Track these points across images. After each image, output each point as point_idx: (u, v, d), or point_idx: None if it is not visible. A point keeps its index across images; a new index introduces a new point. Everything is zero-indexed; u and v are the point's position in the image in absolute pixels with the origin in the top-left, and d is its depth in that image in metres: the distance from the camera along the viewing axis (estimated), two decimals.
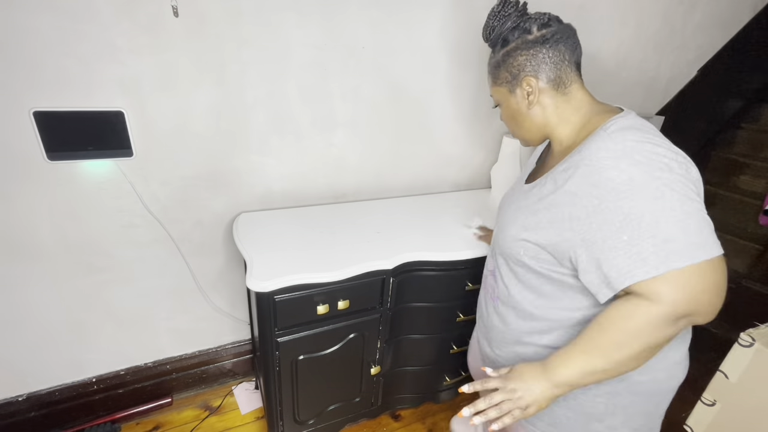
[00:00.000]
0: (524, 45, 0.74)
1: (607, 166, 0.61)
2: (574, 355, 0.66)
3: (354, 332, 1.21)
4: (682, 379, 0.79)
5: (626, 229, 0.59)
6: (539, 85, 0.75)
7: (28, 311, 1.22)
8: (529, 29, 0.74)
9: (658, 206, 0.58)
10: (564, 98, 0.76)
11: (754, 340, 1.00)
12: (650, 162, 0.60)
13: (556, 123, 0.77)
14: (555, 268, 0.73)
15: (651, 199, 0.58)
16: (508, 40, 0.77)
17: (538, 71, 0.74)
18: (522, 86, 0.77)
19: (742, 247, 2.19)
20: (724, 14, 2.15)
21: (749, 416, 1.03)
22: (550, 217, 0.69)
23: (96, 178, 1.15)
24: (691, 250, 0.57)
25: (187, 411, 1.51)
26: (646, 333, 0.61)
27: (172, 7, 1.05)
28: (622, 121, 0.67)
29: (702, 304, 0.59)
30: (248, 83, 1.22)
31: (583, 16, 1.68)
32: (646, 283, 0.59)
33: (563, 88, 0.75)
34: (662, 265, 0.57)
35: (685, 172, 0.60)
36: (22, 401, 1.31)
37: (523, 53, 0.74)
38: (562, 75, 0.74)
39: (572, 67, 0.75)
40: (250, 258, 1.09)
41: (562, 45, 0.73)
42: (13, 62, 0.97)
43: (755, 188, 2.40)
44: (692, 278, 0.57)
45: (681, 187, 0.59)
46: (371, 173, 1.57)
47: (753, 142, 2.53)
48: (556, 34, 0.73)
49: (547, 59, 0.73)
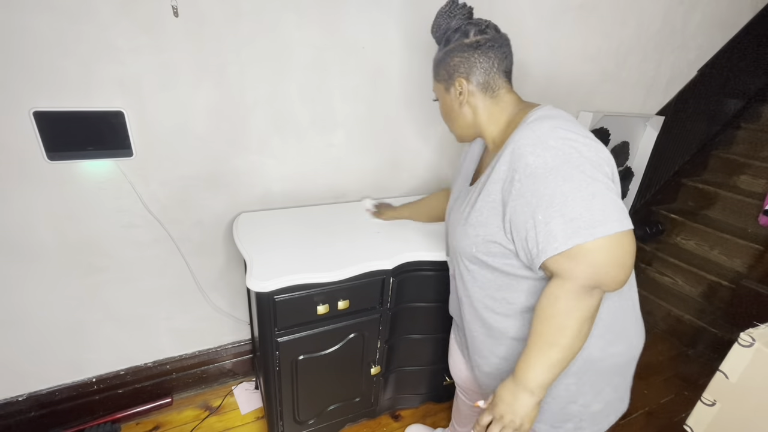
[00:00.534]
0: (460, 47, 0.79)
1: (526, 152, 0.67)
2: (532, 356, 0.71)
3: (354, 332, 1.21)
4: (641, 345, 0.85)
5: (541, 209, 0.65)
6: (469, 88, 0.80)
7: (28, 311, 1.22)
8: (467, 33, 0.79)
9: (567, 187, 0.63)
10: (492, 101, 0.81)
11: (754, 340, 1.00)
12: (562, 147, 0.65)
13: (486, 123, 0.82)
14: (507, 261, 0.75)
15: (562, 181, 0.63)
16: (449, 40, 0.82)
17: (469, 74, 0.80)
18: (455, 86, 0.82)
19: (742, 247, 2.19)
20: (724, 14, 2.15)
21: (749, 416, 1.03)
22: (489, 208, 0.74)
23: (96, 178, 1.15)
24: (593, 227, 0.62)
25: (187, 411, 1.51)
26: (573, 308, 0.66)
27: (172, 7, 1.05)
28: (538, 112, 0.73)
29: (606, 275, 0.64)
30: (248, 83, 1.22)
31: (583, 16, 1.68)
32: (556, 259, 0.65)
33: (491, 92, 0.81)
34: (569, 241, 0.63)
35: (594, 155, 0.65)
36: (22, 401, 1.31)
37: (458, 55, 0.80)
38: (491, 81, 0.80)
39: (501, 74, 0.80)
40: (250, 258, 1.09)
41: (492, 53, 0.78)
42: (13, 62, 0.97)
43: (755, 188, 2.41)
44: (593, 253, 0.63)
45: (588, 168, 0.64)
46: (371, 173, 1.57)
47: (753, 142, 2.53)
48: (490, 41, 0.78)
49: (478, 64, 0.79)
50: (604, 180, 0.64)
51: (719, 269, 2.24)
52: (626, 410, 0.89)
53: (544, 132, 0.67)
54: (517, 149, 0.68)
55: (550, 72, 1.72)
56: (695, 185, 2.56)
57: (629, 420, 1.65)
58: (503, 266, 0.76)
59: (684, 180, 2.60)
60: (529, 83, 1.69)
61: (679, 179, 2.60)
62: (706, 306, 2.19)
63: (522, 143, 0.68)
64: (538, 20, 1.58)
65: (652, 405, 1.73)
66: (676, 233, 2.51)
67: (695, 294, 2.28)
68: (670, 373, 1.94)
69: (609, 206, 0.62)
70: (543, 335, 0.70)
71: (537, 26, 1.59)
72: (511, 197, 0.68)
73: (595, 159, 0.65)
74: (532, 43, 1.62)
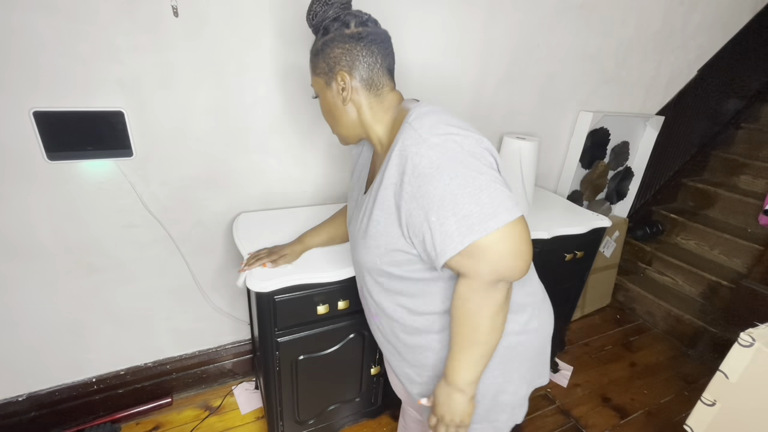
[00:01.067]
0: (341, 38, 0.74)
1: (411, 153, 0.65)
2: (456, 356, 0.72)
3: (354, 332, 1.21)
4: (552, 321, 0.89)
5: (433, 211, 0.63)
6: (352, 84, 0.75)
7: (28, 311, 1.22)
8: (348, 23, 0.75)
9: (454, 185, 0.62)
10: (377, 99, 0.77)
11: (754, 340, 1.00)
12: (444, 143, 0.64)
13: (371, 122, 0.78)
14: (414, 267, 0.74)
15: (448, 179, 0.62)
16: (328, 29, 0.76)
17: (352, 68, 0.74)
18: (337, 80, 0.76)
19: (742, 247, 2.20)
20: (724, 14, 2.15)
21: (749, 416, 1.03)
22: (385, 216, 0.71)
23: (96, 178, 1.15)
24: (485, 221, 0.61)
25: (187, 411, 1.51)
26: (483, 305, 0.67)
27: (172, 7, 1.05)
28: (417, 109, 0.69)
29: (506, 268, 0.64)
30: (248, 83, 1.22)
31: (583, 16, 1.68)
32: (456, 260, 0.64)
33: (375, 90, 0.76)
34: (465, 239, 0.62)
35: (475, 146, 0.65)
36: (22, 401, 1.31)
37: (339, 46, 0.74)
38: (374, 77, 0.75)
39: (384, 72, 0.76)
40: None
41: (375, 47, 0.74)
42: (13, 62, 0.97)
43: (755, 188, 2.41)
44: (490, 248, 0.62)
45: (472, 162, 0.63)
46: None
47: (753, 142, 2.53)
48: (371, 35, 0.74)
49: (361, 58, 0.74)
50: (488, 171, 0.63)
51: (719, 269, 2.24)
52: (546, 383, 0.93)
53: (425, 130, 0.65)
54: (403, 150, 0.66)
55: (550, 72, 1.72)
56: (695, 185, 2.56)
57: (629, 420, 1.65)
58: (411, 273, 0.74)
59: (684, 180, 2.60)
60: (530, 83, 1.69)
61: (679, 179, 2.60)
62: (706, 306, 2.20)
63: (407, 144, 0.66)
64: (538, 20, 1.58)
65: (652, 405, 1.73)
66: (676, 233, 2.51)
67: (695, 294, 2.28)
68: (670, 373, 1.94)
69: (497, 197, 0.62)
70: (461, 335, 0.71)
71: (537, 26, 1.59)
72: (403, 201, 0.66)
73: (477, 151, 0.64)
74: (532, 43, 1.62)
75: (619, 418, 1.66)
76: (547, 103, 1.80)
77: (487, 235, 0.61)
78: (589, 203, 2.28)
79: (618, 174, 2.32)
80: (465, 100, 1.60)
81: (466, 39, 1.48)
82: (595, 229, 1.51)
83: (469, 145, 0.64)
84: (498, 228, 0.61)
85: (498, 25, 1.51)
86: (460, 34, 1.46)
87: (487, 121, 1.68)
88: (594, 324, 2.28)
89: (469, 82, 1.57)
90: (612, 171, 2.28)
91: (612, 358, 2.02)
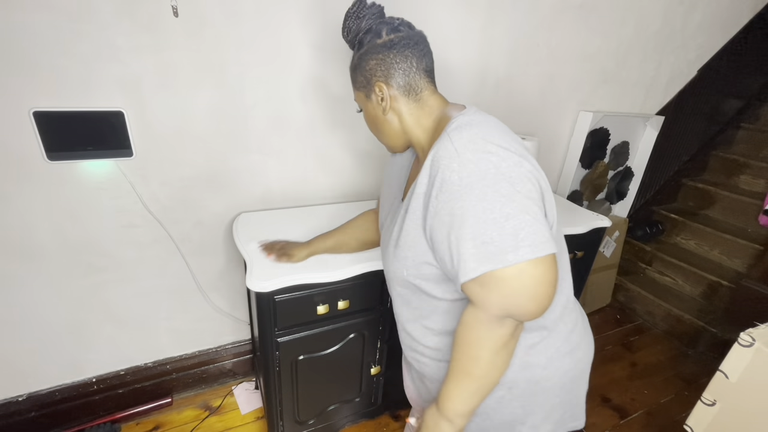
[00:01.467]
0: (374, 49, 0.73)
1: (444, 167, 0.61)
2: (450, 386, 0.69)
3: (354, 332, 1.21)
4: (590, 359, 0.81)
5: (454, 230, 0.60)
6: (390, 92, 0.74)
7: (28, 311, 1.22)
8: (379, 33, 0.73)
9: (480, 208, 0.57)
10: (416, 104, 0.75)
11: (754, 340, 1.00)
12: (479, 161, 0.59)
13: (413, 129, 0.76)
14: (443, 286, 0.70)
15: (475, 200, 0.58)
16: (362, 43, 0.75)
17: (388, 77, 0.73)
18: (375, 92, 0.75)
19: (742, 247, 2.20)
20: (724, 14, 2.15)
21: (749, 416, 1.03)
22: (414, 227, 0.68)
23: (96, 178, 1.15)
24: (504, 253, 0.57)
25: (187, 411, 1.51)
26: (485, 338, 0.63)
27: (172, 7, 1.05)
28: (460, 118, 0.66)
29: (517, 306, 0.59)
30: (248, 83, 1.22)
31: (583, 16, 1.68)
32: (468, 285, 0.61)
33: (414, 95, 0.74)
34: (480, 266, 0.58)
35: (513, 170, 0.59)
36: (22, 401, 1.31)
37: (373, 57, 0.73)
38: (411, 82, 0.73)
39: (421, 74, 0.74)
40: (250, 258, 1.09)
41: (409, 51, 0.72)
42: (13, 62, 0.97)
43: (755, 188, 2.41)
44: (504, 281, 0.58)
45: (505, 186, 0.58)
46: (371, 173, 1.57)
47: (753, 142, 2.53)
48: (404, 39, 0.72)
49: (395, 65, 0.72)
50: (521, 199, 0.58)
51: (719, 269, 2.24)
52: (581, 429, 0.84)
53: (461, 144, 0.61)
54: (435, 162, 0.63)
55: (550, 72, 1.72)
56: (695, 185, 2.56)
57: (629, 420, 1.65)
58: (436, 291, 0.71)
59: (684, 180, 2.60)
60: (530, 83, 1.69)
61: (679, 179, 2.60)
62: (706, 306, 2.20)
63: (440, 155, 0.63)
64: (538, 20, 1.58)
65: (652, 405, 1.73)
66: (676, 233, 2.51)
67: (695, 294, 2.28)
68: (670, 373, 1.94)
69: (524, 229, 0.57)
70: (459, 363, 0.67)
71: (537, 26, 1.59)
72: (429, 213, 0.64)
73: (514, 175, 0.59)
74: (532, 43, 1.62)
75: (619, 418, 1.66)
76: (547, 103, 1.80)
77: (504, 268, 0.57)
78: (589, 203, 2.28)
79: (618, 174, 2.32)
80: (464, 100, 1.60)
81: (466, 39, 1.48)
82: (595, 229, 1.51)
83: (506, 167, 0.59)
84: (517, 263, 0.56)
85: (498, 25, 1.51)
86: (460, 34, 1.46)
87: None
88: (594, 324, 2.28)
89: (468, 82, 1.57)
90: (612, 171, 2.28)
91: (612, 358, 2.02)
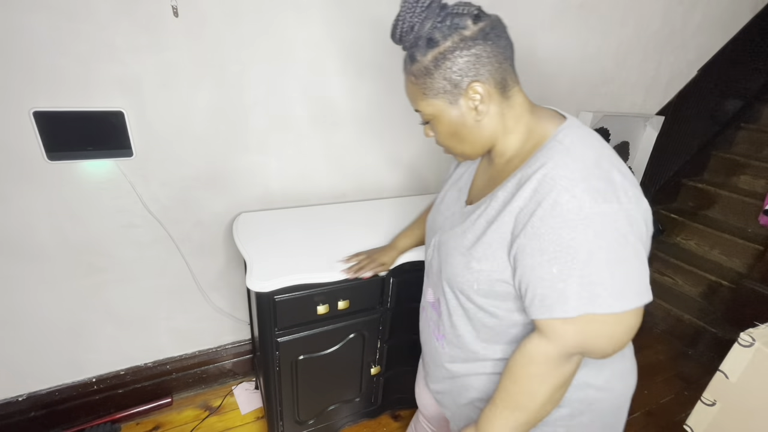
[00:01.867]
0: (463, 44, 0.59)
1: (562, 188, 0.54)
2: (496, 411, 0.65)
3: (354, 332, 1.21)
4: (634, 386, 0.79)
5: (559, 262, 0.54)
6: (489, 90, 0.62)
7: (28, 311, 1.22)
8: (464, 24, 0.59)
9: (595, 245, 0.52)
10: (507, 103, 0.65)
11: (754, 340, 1.00)
12: (605, 191, 0.53)
13: (503, 133, 0.66)
14: (508, 304, 0.66)
15: (592, 235, 0.52)
16: (435, 40, 0.60)
17: (484, 74, 0.61)
18: (468, 95, 0.62)
19: (742, 247, 2.19)
20: (724, 14, 2.15)
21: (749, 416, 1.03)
22: (499, 241, 0.61)
23: (96, 179, 1.15)
24: (612, 298, 0.53)
25: (187, 411, 1.51)
26: (548, 375, 0.60)
27: (172, 7, 1.05)
28: (574, 131, 0.60)
29: (596, 347, 0.58)
30: (248, 83, 1.22)
31: (583, 16, 1.68)
32: (556, 321, 0.57)
33: (506, 92, 0.64)
34: (582, 308, 0.54)
35: (634, 208, 0.55)
36: (22, 401, 1.31)
37: (463, 54, 0.59)
38: (506, 76, 0.63)
39: (513, 67, 0.65)
40: (250, 258, 1.09)
41: (502, 41, 0.61)
42: (13, 62, 0.97)
43: (755, 188, 2.41)
44: (596, 325, 0.55)
45: (624, 227, 0.53)
46: (371, 173, 1.57)
47: (753, 142, 2.53)
48: (495, 26, 0.61)
49: (492, 58, 0.60)
50: (634, 243, 0.54)
51: (719, 269, 2.24)
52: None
53: (588, 164, 0.55)
54: (550, 179, 0.55)
55: (550, 72, 1.72)
56: (695, 185, 2.55)
57: (629, 420, 1.65)
58: (501, 311, 0.66)
59: (684, 180, 2.60)
60: (529, 83, 1.68)
61: (679, 179, 2.60)
62: (706, 306, 2.19)
63: (560, 174, 0.55)
64: (538, 20, 1.58)
65: (652, 405, 1.73)
66: (676, 233, 2.51)
67: (695, 294, 2.28)
68: (670, 373, 1.94)
69: (634, 276, 0.54)
70: (511, 395, 0.63)
71: (537, 26, 1.59)
72: (524, 233, 0.57)
73: (634, 215, 0.54)
74: (532, 42, 1.62)
75: None
76: (547, 103, 1.79)
77: (607, 314, 0.54)
78: None
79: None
80: None
81: None
82: None
83: (629, 204, 0.54)
84: (622, 311, 0.54)
85: None
86: None
87: None
88: None
89: None
90: None
91: None
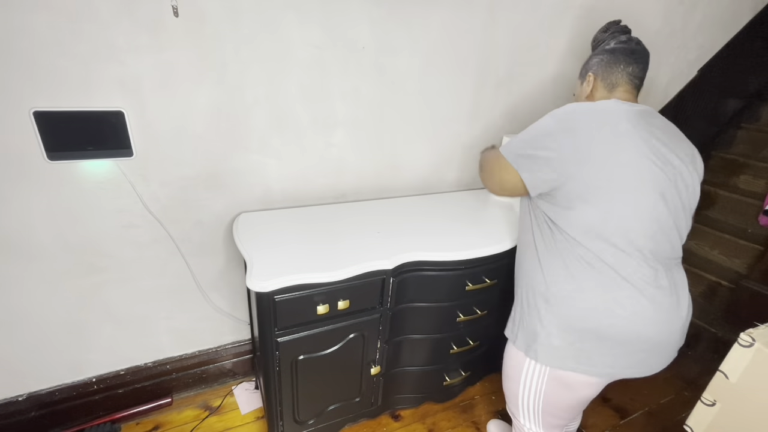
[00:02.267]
0: (601, 51, 1.05)
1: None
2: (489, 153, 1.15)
3: (354, 332, 1.21)
4: (607, 324, 0.91)
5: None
6: (596, 82, 1.05)
7: (28, 311, 1.22)
8: (609, 42, 1.04)
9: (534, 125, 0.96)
10: (609, 95, 1.02)
11: (754, 340, 1.00)
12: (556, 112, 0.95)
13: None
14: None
15: (538, 122, 0.96)
16: (596, 47, 1.10)
17: (598, 71, 1.04)
18: (587, 79, 1.07)
19: (742, 247, 2.19)
20: (724, 14, 2.15)
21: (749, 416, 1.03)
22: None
23: (96, 178, 1.15)
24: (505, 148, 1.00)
25: (187, 411, 1.51)
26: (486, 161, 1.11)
27: (172, 6, 1.05)
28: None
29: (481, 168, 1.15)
30: (248, 83, 1.22)
31: (583, 16, 1.68)
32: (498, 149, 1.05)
33: (611, 88, 1.02)
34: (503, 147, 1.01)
35: (562, 119, 0.93)
36: (22, 401, 1.31)
37: (597, 57, 1.05)
38: (613, 79, 1.01)
39: (624, 76, 1.00)
40: (250, 258, 1.09)
41: (621, 56, 1.00)
42: (13, 62, 0.97)
43: (755, 188, 2.40)
44: (494, 153, 1.05)
45: (553, 129, 0.92)
46: (371, 173, 1.57)
47: (753, 142, 2.53)
48: (623, 49, 1.01)
49: (606, 64, 1.02)
50: (547, 144, 0.92)
51: (719, 269, 2.24)
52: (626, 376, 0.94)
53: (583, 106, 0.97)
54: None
55: (550, 72, 1.72)
56: None
57: (629, 420, 1.65)
58: None
59: None
60: (529, 83, 1.69)
61: None
62: (706, 306, 2.19)
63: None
64: (538, 20, 1.58)
65: (652, 405, 1.73)
66: None
67: (695, 294, 2.27)
68: (670, 373, 1.93)
69: (526, 149, 0.95)
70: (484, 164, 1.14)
71: (537, 26, 1.59)
72: None
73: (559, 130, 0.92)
74: (532, 43, 1.62)
75: (619, 418, 1.66)
76: (547, 103, 1.80)
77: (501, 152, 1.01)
78: None
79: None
80: (465, 99, 1.60)
81: (466, 39, 1.48)
82: None
83: (567, 123, 0.92)
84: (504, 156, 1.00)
85: (498, 25, 1.51)
86: (460, 33, 1.46)
87: (487, 121, 1.68)
88: None
89: (469, 82, 1.57)
90: None
91: None
